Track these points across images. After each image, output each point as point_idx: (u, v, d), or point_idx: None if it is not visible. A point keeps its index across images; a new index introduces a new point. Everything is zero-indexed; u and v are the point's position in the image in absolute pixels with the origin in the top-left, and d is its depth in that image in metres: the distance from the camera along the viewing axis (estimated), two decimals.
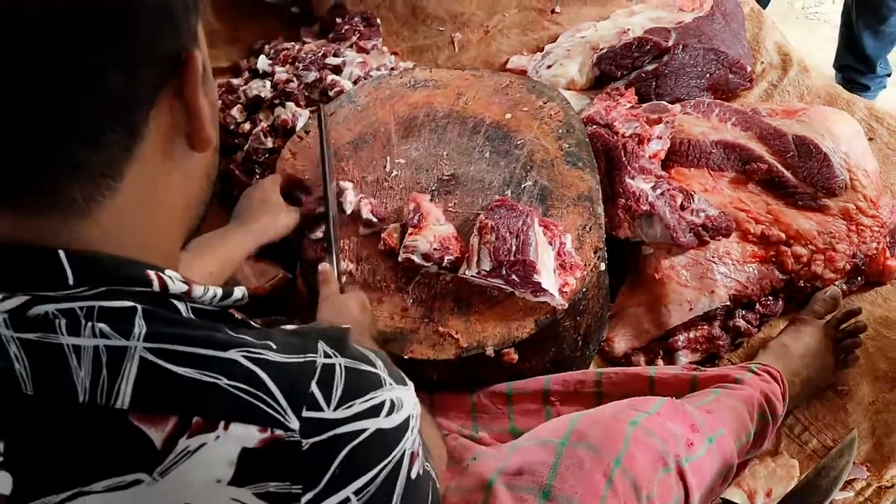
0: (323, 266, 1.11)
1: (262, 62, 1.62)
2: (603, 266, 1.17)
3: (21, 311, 0.49)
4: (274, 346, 0.52)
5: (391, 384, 0.56)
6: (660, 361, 1.28)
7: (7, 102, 0.47)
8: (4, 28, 0.46)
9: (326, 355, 0.53)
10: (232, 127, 1.53)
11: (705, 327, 1.29)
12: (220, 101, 1.56)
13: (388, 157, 1.30)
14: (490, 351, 1.09)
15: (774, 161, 1.36)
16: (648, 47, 1.54)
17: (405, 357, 1.10)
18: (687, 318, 1.28)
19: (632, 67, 1.55)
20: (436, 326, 1.12)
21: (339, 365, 0.53)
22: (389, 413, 0.54)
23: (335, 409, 0.51)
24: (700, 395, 1.07)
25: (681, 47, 1.53)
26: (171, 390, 0.49)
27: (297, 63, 1.58)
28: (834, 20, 2.52)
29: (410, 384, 0.59)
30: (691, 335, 1.29)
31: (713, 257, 1.30)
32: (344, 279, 1.14)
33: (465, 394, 1.15)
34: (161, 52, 0.52)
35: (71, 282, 0.49)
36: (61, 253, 0.49)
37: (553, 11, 1.78)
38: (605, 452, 0.88)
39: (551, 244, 1.12)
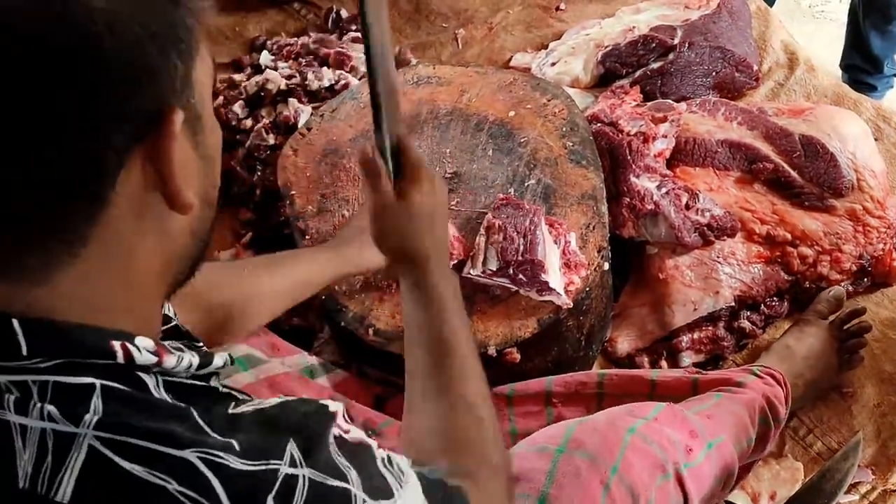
0: (364, 153, 0.74)
1: (265, 58, 1.62)
2: (607, 265, 1.17)
3: None
4: (237, 448, 0.47)
5: (364, 501, 0.50)
6: (663, 362, 1.27)
7: None
8: None
9: (292, 462, 0.48)
10: (233, 123, 1.52)
11: (710, 328, 1.28)
12: (222, 98, 1.55)
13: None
14: (492, 351, 1.09)
15: (780, 161, 1.35)
16: (654, 45, 1.53)
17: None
18: (691, 319, 1.27)
19: (637, 65, 1.54)
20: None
21: (303, 477, 0.48)
22: None
23: None
24: (701, 399, 1.07)
25: (687, 45, 1.52)
26: (116, 489, 0.45)
27: (300, 59, 1.57)
28: (841, 18, 2.50)
29: (406, 488, 0.53)
30: (695, 336, 1.28)
31: (718, 257, 1.29)
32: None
33: None
34: (131, 112, 0.46)
35: (24, 352, 0.46)
36: (14, 322, 0.46)
37: (558, 8, 1.77)
38: (602, 460, 0.87)
39: (556, 243, 1.12)
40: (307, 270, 1.01)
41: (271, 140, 1.49)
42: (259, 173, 1.46)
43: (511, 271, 1.09)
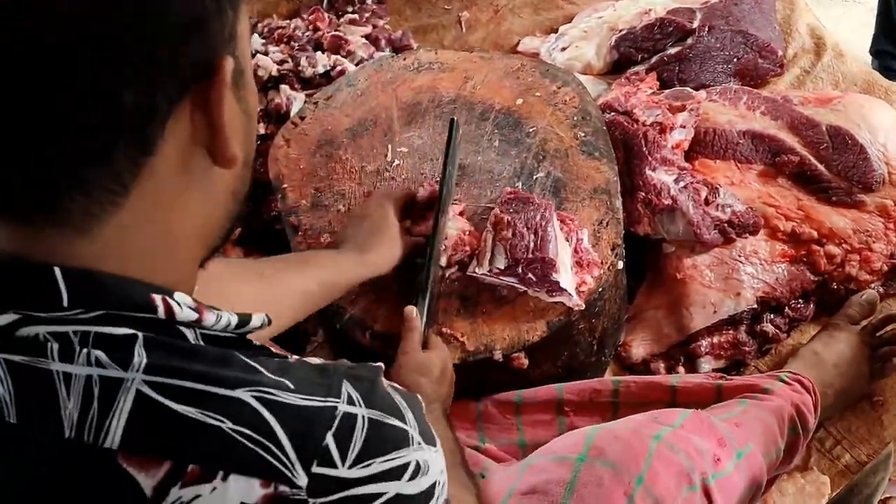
0: (409, 309, 1.03)
1: (255, 41, 1.62)
2: (621, 264, 1.17)
3: (9, 331, 0.47)
4: (291, 386, 0.50)
5: (419, 443, 0.53)
6: (681, 368, 1.28)
7: (5, 103, 0.45)
8: (4, 26, 0.44)
9: (350, 401, 0.51)
10: None
11: (730, 332, 1.29)
12: None
13: (389, 146, 1.30)
14: (498, 355, 1.09)
15: (806, 153, 1.36)
16: (671, 29, 1.53)
17: None
18: (710, 322, 1.27)
19: (653, 50, 1.54)
20: (439, 328, 1.12)
21: (363, 416, 0.51)
22: (413, 477, 0.51)
23: (350, 467, 0.49)
24: (726, 406, 1.07)
25: (706, 29, 1.52)
26: (168, 431, 0.47)
27: (292, 42, 1.58)
28: (870, 2, 2.51)
29: (440, 445, 0.57)
30: (715, 340, 1.28)
31: (739, 256, 1.29)
32: (428, 330, 1.07)
33: (470, 402, 1.15)
34: (185, 61, 0.49)
35: (66, 303, 0.47)
36: (57, 270, 0.48)
37: None
38: (627, 470, 0.87)
39: (568, 240, 1.12)
40: (335, 272, 1.03)
41: (262, 130, 1.49)
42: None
43: (520, 270, 1.09)
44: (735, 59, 1.55)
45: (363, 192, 1.26)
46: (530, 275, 1.09)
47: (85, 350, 0.47)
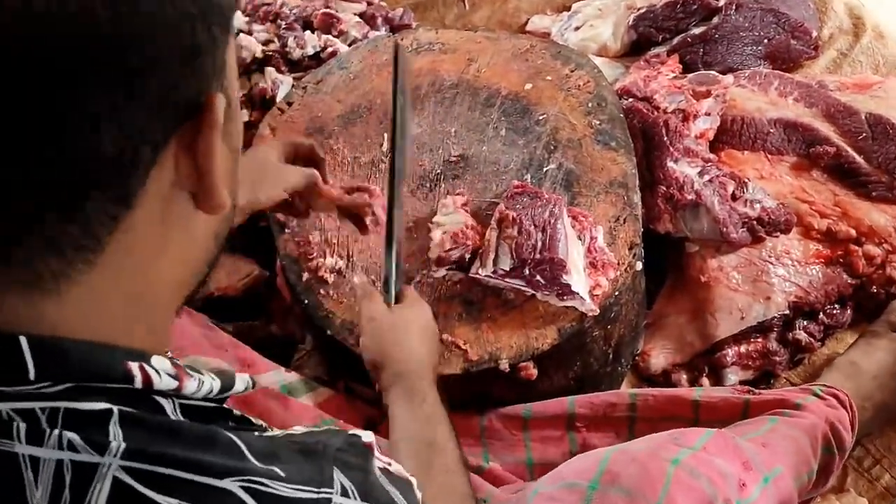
0: (360, 281, 1.04)
1: (238, 20, 1.60)
2: (639, 265, 1.17)
3: None
4: (282, 474, 0.49)
5: None
6: (704, 380, 1.27)
7: None
8: None
9: (344, 493, 0.50)
10: None
11: (759, 340, 1.28)
12: None
13: (385, 135, 1.29)
14: (504, 365, 1.08)
15: (844, 144, 1.35)
16: (695, 7, 1.53)
17: None
18: (738, 329, 1.27)
19: (675, 31, 1.54)
20: (440, 335, 1.10)
21: None
22: None
23: None
24: (754, 423, 1.06)
25: (734, 7, 1.52)
26: None
27: (279, 21, 1.56)
28: None
29: None
30: (742, 349, 1.28)
31: (770, 257, 1.29)
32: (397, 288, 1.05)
33: (473, 416, 1.14)
34: (174, 100, 0.47)
35: (32, 375, 0.45)
36: (22, 339, 0.46)
37: None
38: (643, 496, 0.86)
39: (581, 238, 1.12)
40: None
41: (245, 117, 1.48)
42: None
43: (527, 272, 1.08)
44: (765, 41, 1.54)
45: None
46: (538, 277, 1.08)
47: (56, 431, 0.45)
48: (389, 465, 0.56)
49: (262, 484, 0.48)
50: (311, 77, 1.39)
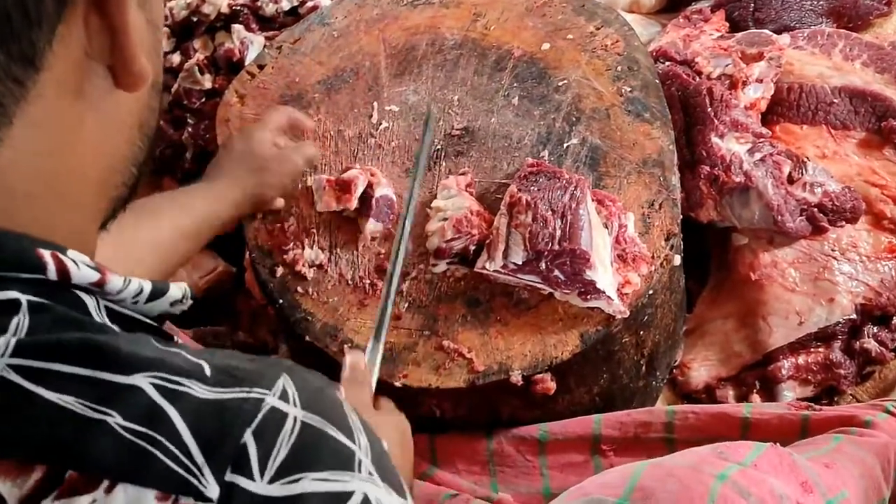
0: (355, 357, 1.00)
1: None
2: (677, 259, 1.17)
3: None
4: (207, 372, 0.50)
5: (372, 475, 0.51)
6: (755, 397, 1.28)
7: None
8: None
9: (284, 396, 0.50)
10: None
11: (821, 350, 1.29)
12: None
13: (374, 103, 1.30)
14: (517, 377, 1.09)
15: None
16: None
17: (396, 384, 1.10)
18: (795, 337, 1.27)
19: None
20: (440, 341, 1.11)
21: (295, 417, 0.50)
22: None
23: (271, 481, 0.48)
24: (814, 442, 1.07)
25: None
26: (38, 427, 0.47)
27: None
28: None
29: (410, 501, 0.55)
30: (801, 361, 1.28)
31: (833, 251, 1.29)
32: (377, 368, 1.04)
33: (479, 438, 1.15)
34: None
35: None
36: None
37: None
38: None
39: (607, 227, 1.11)
40: (187, 214, 1.09)
41: (207, 83, 1.49)
42: (190, 129, 1.46)
43: (543, 266, 1.08)
44: None
45: (342, 164, 1.25)
46: (557, 272, 1.08)
47: None
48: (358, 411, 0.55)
49: (178, 382, 0.48)
50: (287, 35, 1.40)
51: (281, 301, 1.17)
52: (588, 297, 1.09)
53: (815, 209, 1.28)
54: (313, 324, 1.15)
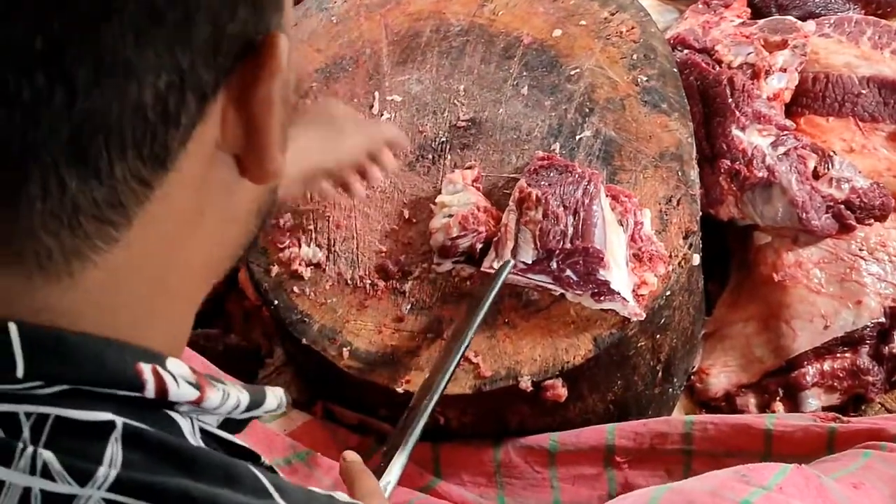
0: (350, 457, 0.90)
1: None
2: (696, 259, 1.17)
3: None
4: None
5: None
6: (778, 405, 1.27)
7: None
8: None
9: None
10: None
11: (847, 355, 1.28)
12: None
13: (376, 93, 1.29)
14: (526, 383, 1.08)
15: None
16: None
17: (399, 390, 1.10)
18: (820, 342, 1.27)
19: None
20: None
21: None
22: None
23: None
24: (842, 458, 1.06)
25: None
26: None
27: None
28: None
29: None
30: (826, 367, 1.28)
31: (861, 250, 1.29)
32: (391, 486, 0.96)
33: (486, 447, 1.15)
34: (229, 36, 0.45)
35: (20, 372, 0.45)
36: (11, 326, 0.45)
37: None
38: None
39: (622, 224, 1.11)
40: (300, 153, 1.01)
41: None
42: None
43: (554, 265, 1.08)
44: None
45: None
46: (569, 272, 1.08)
47: (29, 449, 0.44)
48: None
49: None
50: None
51: (276, 302, 1.17)
52: (602, 298, 1.08)
53: (842, 206, 1.27)
54: (310, 326, 1.15)
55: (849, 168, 1.29)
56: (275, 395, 0.56)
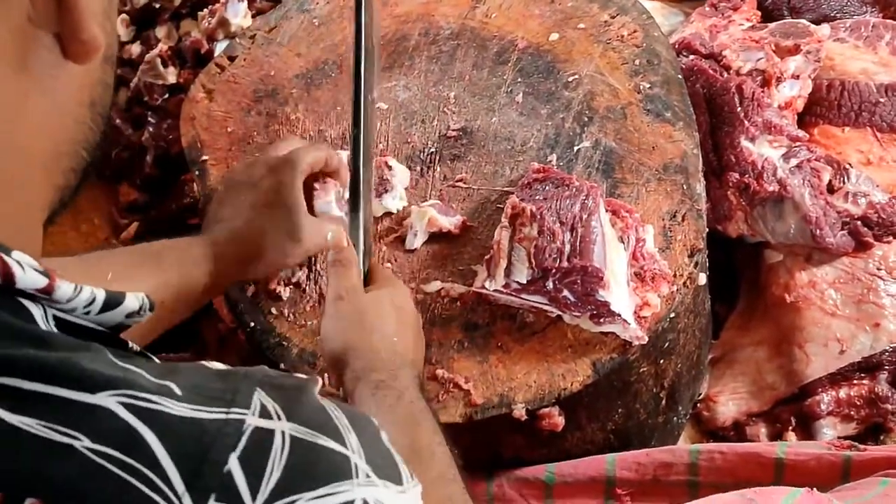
0: (337, 234, 1.07)
1: None
2: (702, 279, 1.17)
3: None
4: (177, 391, 0.50)
5: (369, 477, 0.53)
6: (791, 435, 1.27)
7: None
8: None
9: (265, 413, 0.51)
10: None
11: (865, 382, 1.28)
12: None
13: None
14: (520, 411, 1.08)
15: None
16: None
17: None
18: (836, 367, 1.27)
19: None
20: (434, 370, 1.11)
21: (283, 433, 0.51)
22: None
23: None
24: (858, 487, 1.06)
25: None
26: None
27: None
28: None
29: (415, 485, 0.57)
30: (842, 394, 1.28)
31: (879, 270, 1.29)
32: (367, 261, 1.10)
33: (478, 480, 1.14)
34: None
35: None
36: None
37: None
38: None
39: (623, 241, 1.12)
40: (188, 275, 1.04)
41: (171, 77, 1.49)
42: (151, 129, 1.46)
43: (551, 285, 1.08)
44: None
45: None
46: (566, 292, 1.08)
47: None
48: (339, 402, 0.57)
49: (149, 400, 0.49)
50: (262, 23, 1.40)
51: (253, 324, 1.17)
52: (601, 320, 1.09)
53: (859, 222, 1.28)
54: (289, 350, 1.15)
55: (866, 182, 1.30)
56: (136, 297, 0.57)
